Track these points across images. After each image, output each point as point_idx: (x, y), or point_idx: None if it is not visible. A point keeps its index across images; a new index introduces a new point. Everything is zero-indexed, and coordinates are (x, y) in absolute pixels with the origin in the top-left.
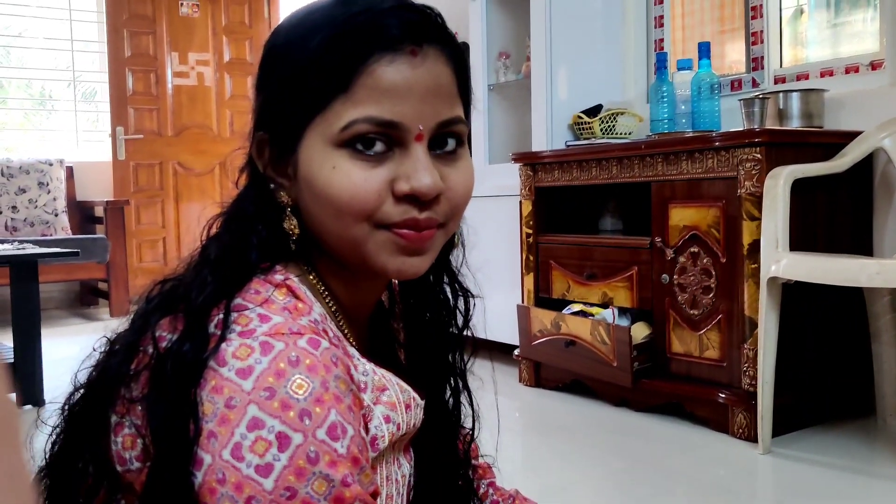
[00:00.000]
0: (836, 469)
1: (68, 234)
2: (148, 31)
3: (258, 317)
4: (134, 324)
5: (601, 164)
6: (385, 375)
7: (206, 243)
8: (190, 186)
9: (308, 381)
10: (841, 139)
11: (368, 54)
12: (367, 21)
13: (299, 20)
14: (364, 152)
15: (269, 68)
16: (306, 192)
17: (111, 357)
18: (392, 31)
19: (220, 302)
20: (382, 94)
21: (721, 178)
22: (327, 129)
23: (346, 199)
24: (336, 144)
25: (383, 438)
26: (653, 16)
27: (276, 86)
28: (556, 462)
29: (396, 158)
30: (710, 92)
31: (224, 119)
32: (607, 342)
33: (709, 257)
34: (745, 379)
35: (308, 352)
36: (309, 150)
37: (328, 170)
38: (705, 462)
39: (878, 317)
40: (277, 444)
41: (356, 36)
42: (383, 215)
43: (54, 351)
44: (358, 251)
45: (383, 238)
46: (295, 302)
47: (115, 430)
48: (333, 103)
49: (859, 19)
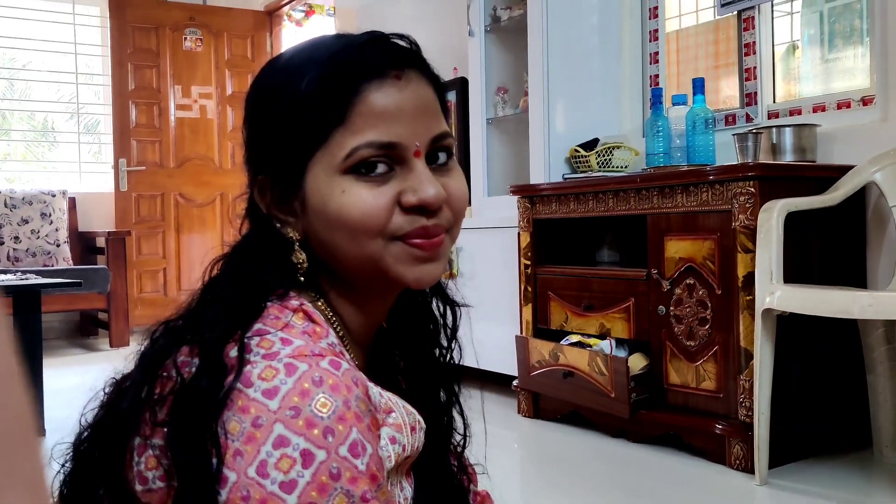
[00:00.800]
0: (833, 501)
1: (70, 264)
2: (152, 64)
3: (280, 340)
4: (144, 362)
5: (598, 197)
6: (391, 398)
7: (211, 282)
8: (191, 218)
9: (331, 399)
10: (833, 173)
11: (358, 85)
12: (351, 55)
13: (282, 66)
14: (368, 175)
15: (260, 115)
16: (318, 221)
17: (122, 393)
18: (375, 60)
19: (235, 335)
20: (378, 119)
21: (716, 211)
22: (331, 160)
23: (358, 216)
24: (341, 172)
25: (389, 459)
26: (648, 52)
27: (270, 130)
28: (554, 493)
29: (399, 176)
30: (705, 126)
31: (226, 151)
32: (605, 373)
33: (704, 289)
34: (742, 410)
35: (330, 372)
36: (315, 182)
37: (338, 195)
38: (703, 493)
39: (872, 348)
40: (302, 460)
41: (343, 71)
42: (395, 228)
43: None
44: (376, 267)
45: (398, 250)
46: (313, 326)
47: (139, 451)
48: (333, 135)
49: (851, 56)
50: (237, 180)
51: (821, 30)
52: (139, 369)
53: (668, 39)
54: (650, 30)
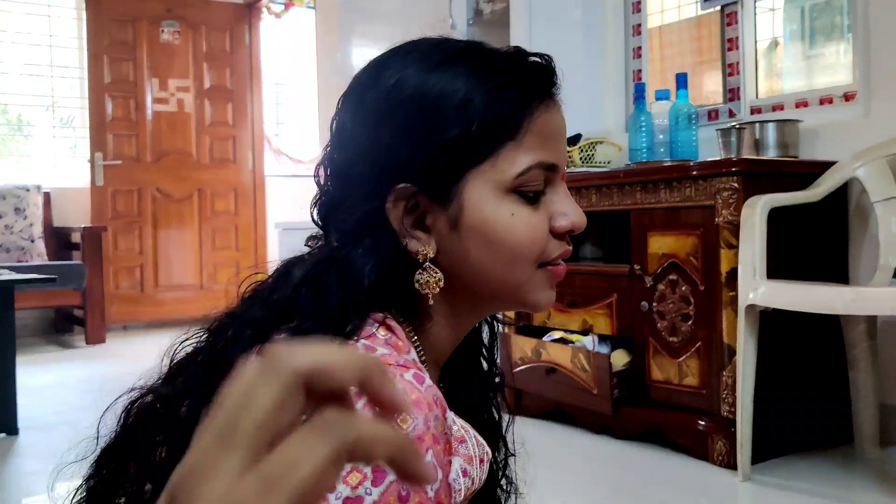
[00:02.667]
0: (816, 496)
1: (45, 260)
2: (128, 57)
3: (364, 347)
4: (213, 370)
5: (581, 193)
6: (464, 426)
7: (296, 291)
8: (168, 213)
9: (412, 416)
10: (816, 169)
11: (530, 102)
12: (523, 72)
13: (432, 69)
14: (528, 195)
15: (405, 119)
16: (473, 240)
17: (181, 401)
18: (544, 80)
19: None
20: (546, 139)
21: (699, 206)
22: (499, 175)
23: (527, 243)
24: (506, 190)
25: (459, 493)
26: (631, 47)
27: (423, 134)
28: (536, 490)
29: (547, 199)
30: (688, 122)
31: (204, 145)
32: (587, 370)
33: (687, 285)
34: (725, 406)
35: (414, 386)
36: (477, 199)
37: (507, 217)
38: (685, 490)
39: (854, 344)
40: (372, 477)
41: (519, 86)
42: (548, 253)
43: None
44: (517, 291)
45: (542, 276)
46: (395, 339)
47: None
48: (503, 150)
49: (833, 52)
50: (215, 175)
51: (802, 26)
52: (205, 379)
53: (651, 35)
54: (633, 25)
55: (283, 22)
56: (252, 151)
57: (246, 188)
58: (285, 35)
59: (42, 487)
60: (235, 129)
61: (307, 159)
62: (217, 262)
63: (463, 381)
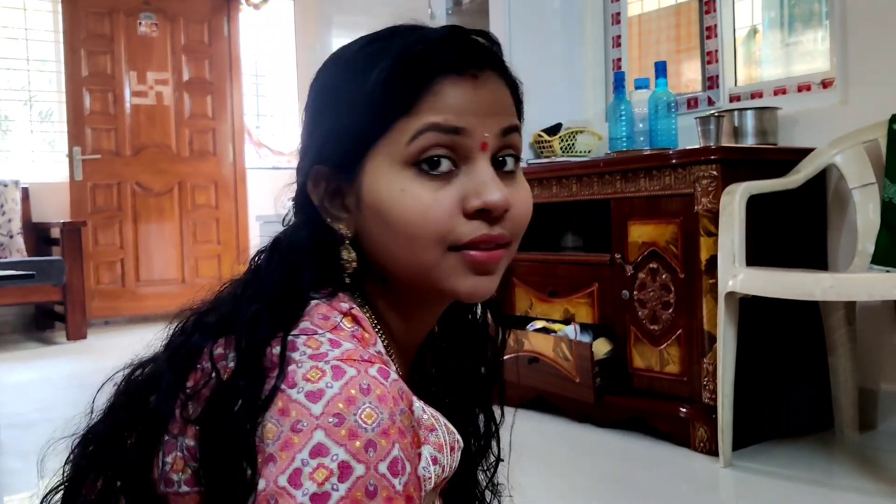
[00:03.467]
0: (797, 481)
1: (24, 256)
2: (106, 50)
3: (329, 342)
4: (177, 356)
5: (561, 182)
6: (434, 415)
7: (251, 276)
8: (148, 207)
9: (377, 411)
10: (794, 156)
11: (432, 78)
12: (427, 49)
13: (352, 54)
14: (430, 172)
15: (324, 103)
16: (373, 220)
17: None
18: (454, 55)
19: (277, 336)
20: (445, 107)
21: (678, 194)
22: (393, 147)
23: (419, 222)
24: (402, 163)
25: (430, 480)
26: (610, 36)
27: (333, 117)
28: (519, 479)
29: (462, 176)
30: (667, 110)
31: (183, 138)
32: (569, 358)
33: (667, 273)
34: (706, 393)
35: (379, 381)
36: (374, 175)
37: (397, 193)
38: (668, 476)
39: (833, 330)
40: (339, 473)
41: (418, 63)
42: (456, 236)
43: (9, 375)
44: (428, 276)
45: (455, 261)
46: (362, 331)
47: (166, 450)
48: (397, 123)
49: (811, 39)
50: (195, 168)
51: (781, 13)
52: (169, 362)
53: (630, 23)
54: (612, 13)
55: (262, 13)
56: (233, 144)
57: (227, 181)
58: (264, 26)
59: (24, 485)
60: (215, 121)
61: (288, 151)
62: (198, 256)
63: (456, 378)
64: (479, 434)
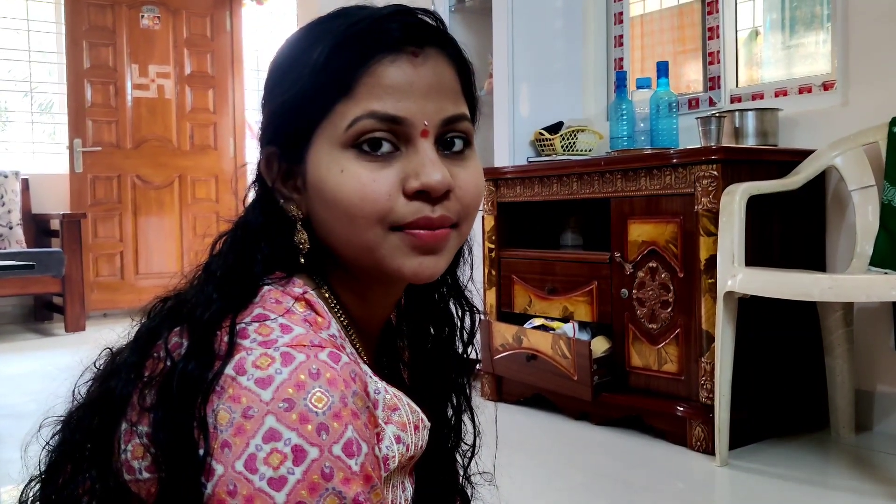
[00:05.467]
0: (792, 481)
1: (23, 247)
2: (108, 42)
3: (280, 327)
4: (138, 340)
5: (562, 180)
6: (396, 394)
7: (210, 260)
8: (148, 200)
9: (327, 395)
10: (794, 157)
11: (370, 56)
12: (368, 27)
13: (300, 37)
14: (371, 153)
15: (273, 84)
16: (317, 200)
17: (116, 371)
18: (392, 34)
19: (227, 318)
20: (384, 91)
21: (678, 194)
22: (333, 131)
23: (356, 201)
24: (343, 146)
25: (393, 459)
26: (612, 35)
27: (280, 99)
28: (515, 476)
29: (404, 158)
30: (668, 110)
31: (184, 132)
32: (568, 356)
33: (667, 272)
34: (703, 392)
35: (329, 365)
36: (317, 156)
37: (336, 174)
38: (664, 475)
39: (831, 331)
40: (293, 457)
41: (357, 41)
42: (396, 216)
43: (7, 367)
44: (372, 256)
45: (398, 240)
46: (314, 315)
47: (126, 439)
48: (337, 106)
49: (812, 41)
50: (196, 162)
51: (783, 15)
52: (132, 349)
53: (632, 23)
54: (615, 13)
55: (265, 8)
56: (233, 138)
57: (227, 175)
58: (267, 21)
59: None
60: (216, 115)
61: None
62: (198, 250)
63: (424, 357)
64: (450, 418)
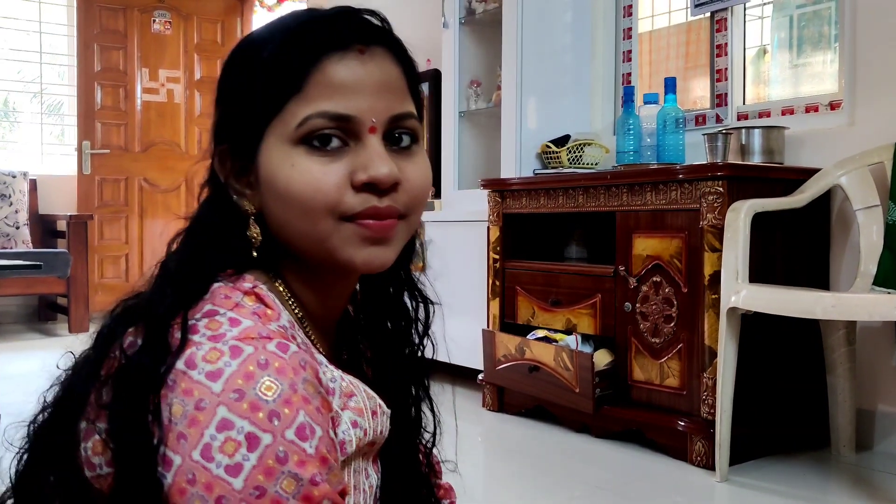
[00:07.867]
0: (792, 498)
1: (29, 247)
2: (119, 46)
3: (228, 321)
4: (97, 340)
5: (568, 193)
6: (352, 381)
7: (166, 257)
8: (155, 203)
9: (277, 383)
10: (800, 175)
11: (319, 55)
12: (315, 26)
13: (252, 37)
14: (321, 148)
15: (225, 83)
16: (269, 195)
17: (76, 371)
18: (340, 32)
19: (179, 313)
20: (334, 91)
21: (684, 209)
22: (284, 129)
23: (308, 194)
24: (293, 142)
25: (351, 443)
26: (621, 50)
27: (232, 97)
28: (516, 487)
29: (352, 152)
30: (675, 126)
31: (192, 136)
32: (570, 368)
33: (671, 287)
34: (705, 407)
35: (277, 355)
36: (268, 152)
37: (287, 168)
38: (664, 489)
39: (833, 349)
40: (247, 444)
41: (305, 40)
42: (345, 207)
43: (11, 366)
44: (324, 247)
45: (348, 231)
46: (264, 308)
47: (85, 436)
48: (288, 104)
49: (819, 61)
50: (203, 167)
51: (790, 34)
52: (93, 349)
53: (640, 39)
54: (623, 28)
55: (275, 15)
56: None
57: None
58: None
59: None
60: None
61: None
62: None
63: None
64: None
